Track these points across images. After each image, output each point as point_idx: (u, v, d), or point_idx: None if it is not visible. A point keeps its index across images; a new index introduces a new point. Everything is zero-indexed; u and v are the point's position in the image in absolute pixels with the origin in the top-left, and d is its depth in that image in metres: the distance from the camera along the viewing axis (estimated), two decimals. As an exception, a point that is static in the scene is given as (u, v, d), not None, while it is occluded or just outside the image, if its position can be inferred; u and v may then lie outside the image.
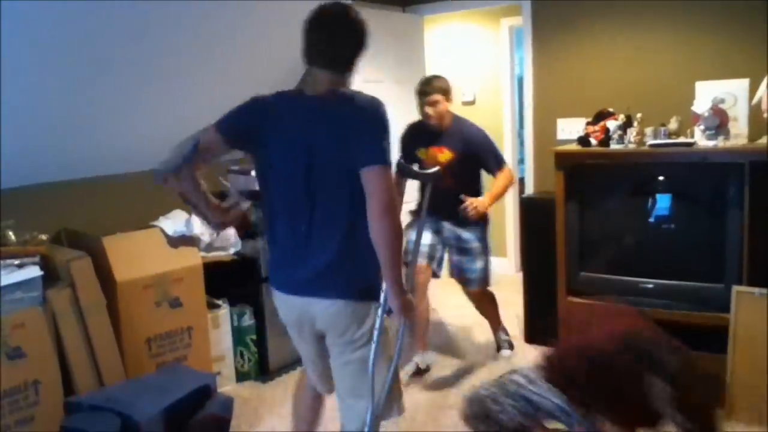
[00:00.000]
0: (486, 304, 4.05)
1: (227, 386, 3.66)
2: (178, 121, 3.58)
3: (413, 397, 3.47)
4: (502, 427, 2.44)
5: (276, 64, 3.86)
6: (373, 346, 2.14)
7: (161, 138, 3.58)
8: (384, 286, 2.08)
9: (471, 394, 2.56)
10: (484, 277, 3.82)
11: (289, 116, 2.11)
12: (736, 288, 3.09)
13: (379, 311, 2.14)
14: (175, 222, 3.47)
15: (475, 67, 5.81)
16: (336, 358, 2.23)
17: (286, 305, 2.27)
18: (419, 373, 3.76)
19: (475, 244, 3.71)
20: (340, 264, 2.10)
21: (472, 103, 5.83)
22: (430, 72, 5.15)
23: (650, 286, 3.38)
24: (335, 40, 2.07)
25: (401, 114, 3.63)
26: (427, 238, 3.70)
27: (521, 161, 5.37)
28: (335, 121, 2.03)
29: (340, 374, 2.24)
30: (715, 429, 2.35)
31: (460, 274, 3.82)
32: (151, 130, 3.50)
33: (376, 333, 2.15)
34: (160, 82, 3.26)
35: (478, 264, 3.75)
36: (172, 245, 3.40)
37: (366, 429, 2.20)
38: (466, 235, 3.70)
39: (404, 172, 2.29)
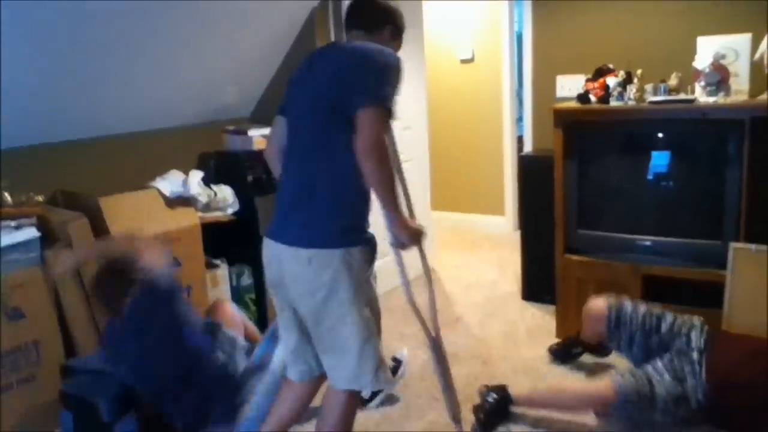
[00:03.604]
0: None
1: (227, 345, 3.70)
2: (174, 82, 3.57)
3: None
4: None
5: (269, 29, 3.82)
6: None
7: (157, 99, 3.58)
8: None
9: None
10: None
11: (304, 67, 2.25)
12: (733, 245, 3.09)
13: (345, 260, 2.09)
14: (171, 182, 3.45)
15: (474, 25, 5.73)
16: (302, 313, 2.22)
17: (266, 250, 2.26)
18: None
19: None
20: (311, 209, 2.12)
21: (471, 60, 5.77)
22: (427, 30, 5.08)
23: (648, 243, 3.38)
24: (362, 11, 2.32)
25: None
26: None
27: (520, 119, 5.33)
28: (337, 66, 2.12)
29: (313, 332, 2.22)
30: None
31: None
32: (147, 91, 3.48)
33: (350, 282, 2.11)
34: (156, 43, 3.22)
35: None
36: (169, 206, 3.40)
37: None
38: None
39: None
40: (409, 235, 2.16)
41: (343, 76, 2.08)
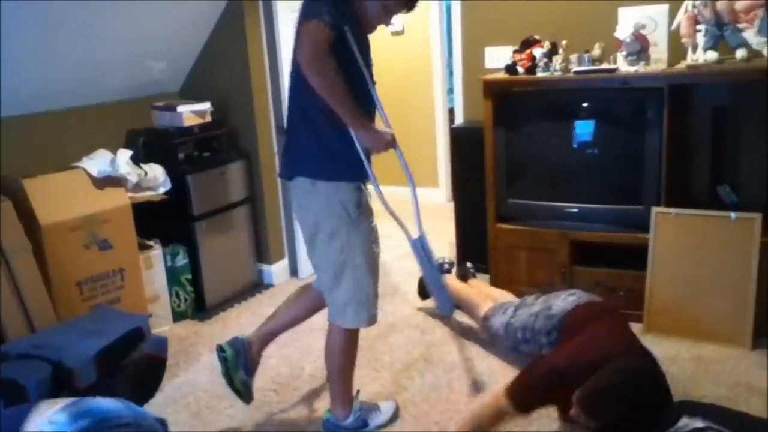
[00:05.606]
0: None
1: (164, 326, 3.66)
2: (98, 57, 3.46)
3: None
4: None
5: (193, 3, 3.73)
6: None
7: (80, 74, 3.47)
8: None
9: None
10: None
11: None
12: (654, 209, 3.23)
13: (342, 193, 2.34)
14: (99, 162, 3.37)
15: (403, -4, 5.72)
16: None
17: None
18: None
19: None
20: (300, 143, 2.34)
21: (401, 33, 5.78)
22: None
23: (574, 210, 3.49)
24: None
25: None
26: None
27: (450, 91, 5.38)
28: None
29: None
30: None
31: None
32: (69, 66, 3.37)
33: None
34: (78, 15, 3.12)
35: None
36: (97, 186, 3.32)
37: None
38: None
39: None
40: (376, 139, 2.31)
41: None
